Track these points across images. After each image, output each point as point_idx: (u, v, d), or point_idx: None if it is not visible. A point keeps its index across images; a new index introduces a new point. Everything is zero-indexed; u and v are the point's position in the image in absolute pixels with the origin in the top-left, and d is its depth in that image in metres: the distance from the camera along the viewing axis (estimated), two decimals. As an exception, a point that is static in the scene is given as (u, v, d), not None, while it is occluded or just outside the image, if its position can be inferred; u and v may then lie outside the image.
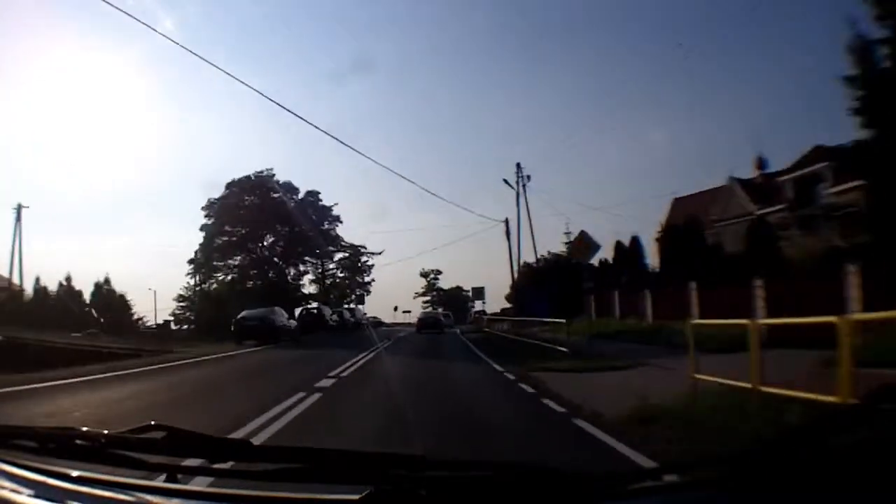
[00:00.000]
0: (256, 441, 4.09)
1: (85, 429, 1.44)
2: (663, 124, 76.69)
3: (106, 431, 1.40)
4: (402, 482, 1.16)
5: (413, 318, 63.87)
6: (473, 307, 76.34)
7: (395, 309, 65.39)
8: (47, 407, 8.27)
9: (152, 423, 1.38)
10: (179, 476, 1.38)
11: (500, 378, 12.19)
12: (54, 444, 1.40)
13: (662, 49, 69.01)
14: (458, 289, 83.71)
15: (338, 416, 7.89)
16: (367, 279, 64.73)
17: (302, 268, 54.57)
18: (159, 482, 1.35)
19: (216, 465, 1.36)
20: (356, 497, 1.13)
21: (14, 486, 1.30)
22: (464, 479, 1.20)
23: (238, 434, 5.84)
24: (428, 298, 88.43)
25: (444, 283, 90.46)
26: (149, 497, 1.27)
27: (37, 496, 1.27)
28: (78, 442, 1.38)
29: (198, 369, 14.78)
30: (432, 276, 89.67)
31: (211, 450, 1.36)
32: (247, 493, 1.28)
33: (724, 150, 65.41)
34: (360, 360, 15.31)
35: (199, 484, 1.50)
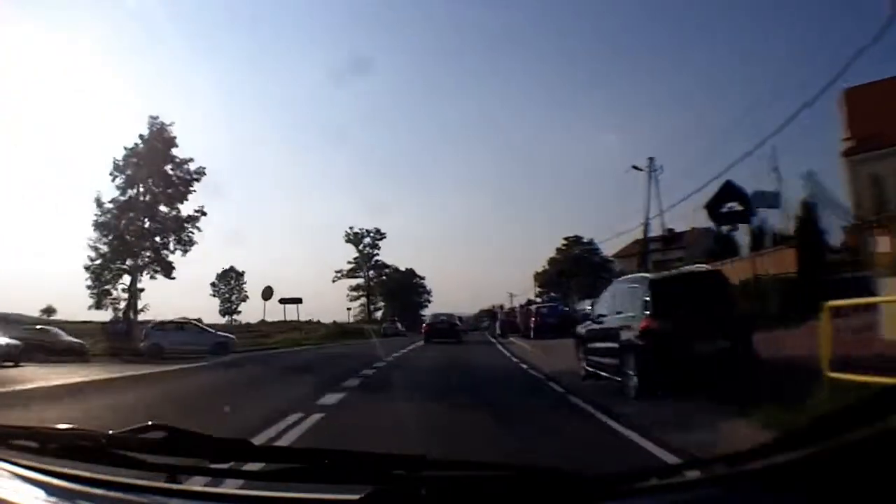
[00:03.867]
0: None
1: (86, 429, 1.42)
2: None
3: (107, 431, 1.39)
4: (402, 482, 1.18)
5: (295, 309, 36.77)
6: (431, 302, 49.53)
7: (268, 296, 35.49)
8: None
9: (151, 423, 1.37)
10: (179, 476, 1.38)
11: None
12: (55, 444, 1.39)
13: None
14: (412, 273, 53.08)
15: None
16: (184, 210, 28.74)
17: None
18: (159, 482, 1.35)
19: (216, 466, 1.37)
20: (356, 497, 1.14)
21: (14, 486, 1.30)
22: (464, 478, 1.22)
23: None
24: (360, 280, 50.90)
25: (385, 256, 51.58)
26: (149, 497, 1.27)
27: (37, 497, 1.26)
28: (79, 442, 1.37)
29: None
30: (369, 240, 51.34)
31: (211, 450, 1.36)
32: (247, 493, 1.28)
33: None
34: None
35: (198, 484, 1.50)
